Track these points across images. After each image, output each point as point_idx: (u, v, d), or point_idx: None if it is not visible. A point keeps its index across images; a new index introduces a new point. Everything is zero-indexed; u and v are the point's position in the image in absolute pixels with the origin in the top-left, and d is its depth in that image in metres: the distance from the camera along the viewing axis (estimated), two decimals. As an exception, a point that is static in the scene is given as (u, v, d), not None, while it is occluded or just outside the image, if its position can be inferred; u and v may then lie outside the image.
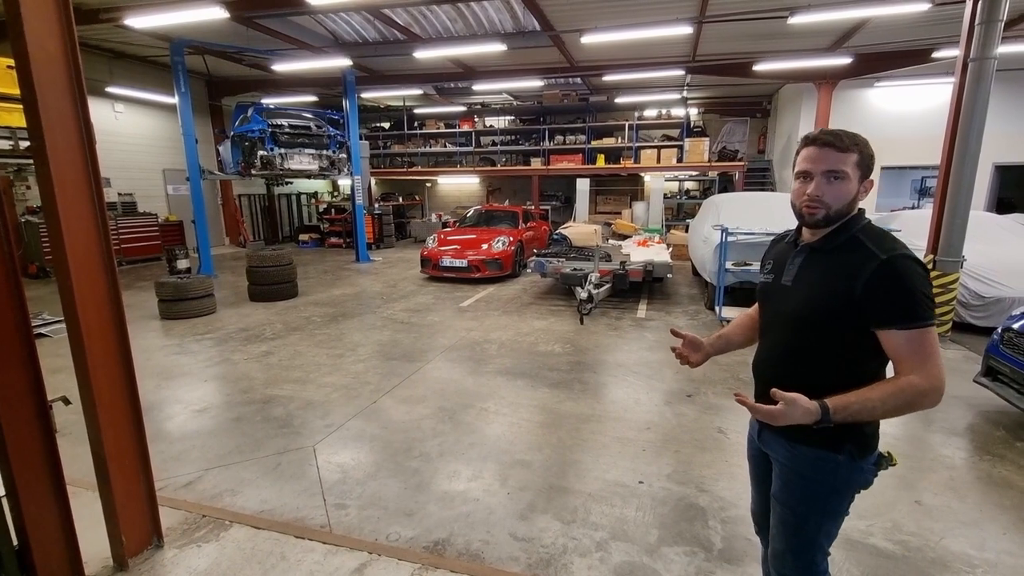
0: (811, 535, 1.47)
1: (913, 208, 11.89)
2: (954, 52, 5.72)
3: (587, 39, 8.51)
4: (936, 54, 9.46)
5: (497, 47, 9.03)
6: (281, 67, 10.24)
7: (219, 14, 6.93)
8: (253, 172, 9.51)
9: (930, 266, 5.75)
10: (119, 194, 11.38)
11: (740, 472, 3.06)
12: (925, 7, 6.82)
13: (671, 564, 2.32)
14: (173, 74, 8.96)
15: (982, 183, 11.43)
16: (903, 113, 11.75)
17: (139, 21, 7.44)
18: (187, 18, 7.14)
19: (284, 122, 9.57)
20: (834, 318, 1.34)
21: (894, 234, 1.42)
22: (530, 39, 9.57)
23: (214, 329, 6.26)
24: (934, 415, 3.84)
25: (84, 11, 8.02)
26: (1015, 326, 3.68)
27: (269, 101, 13.04)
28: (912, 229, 6.55)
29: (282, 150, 9.34)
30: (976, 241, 6.08)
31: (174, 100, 9.15)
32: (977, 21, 5.23)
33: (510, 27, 9.46)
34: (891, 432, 3.54)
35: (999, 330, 3.83)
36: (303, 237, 15.20)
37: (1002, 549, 2.41)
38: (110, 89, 10.93)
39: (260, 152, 9.12)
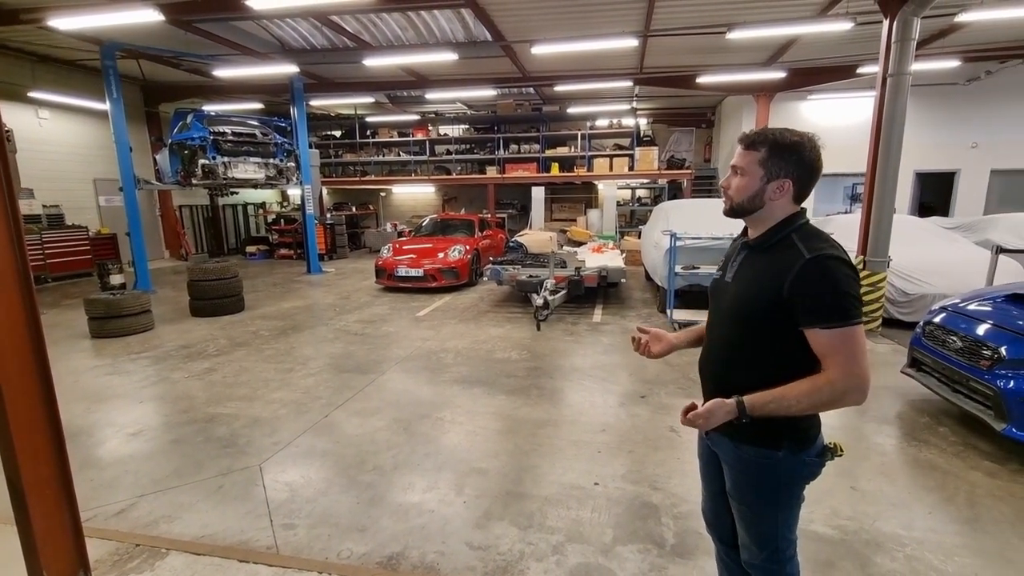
0: (769, 527, 1.51)
1: (846, 213, 12.69)
2: (875, 68, 6.16)
3: (537, 50, 8.64)
4: (860, 70, 10.17)
5: (449, 56, 9.04)
6: (224, 73, 9.84)
7: (153, 17, 6.59)
8: (194, 182, 9.08)
9: (860, 266, 6.14)
10: (44, 206, 10.59)
11: (691, 469, 3.14)
12: (848, 26, 7.33)
13: (625, 563, 2.35)
14: (104, 79, 8.47)
15: (905, 189, 12.36)
16: (834, 124, 12.53)
17: (64, 22, 6.98)
18: (117, 20, 6.74)
19: (227, 129, 9.20)
20: (764, 315, 1.37)
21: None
22: (481, 49, 9.64)
23: (151, 347, 5.90)
24: (867, 406, 4.08)
25: (3, 11, 7.48)
26: (936, 320, 3.96)
27: (211, 108, 12.52)
28: (844, 232, 6.95)
29: (225, 158, 8.97)
30: (901, 243, 6.54)
31: (106, 106, 8.64)
32: (893, 40, 5.67)
33: (461, 37, 9.50)
34: (828, 423, 3.70)
35: (921, 324, 4.12)
36: (251, 249, 14.63)
37: (928, 527, 2.58)
38: (33, 94, 10.20)
39: (201, 161, 8.72)
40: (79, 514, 2.16)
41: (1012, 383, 3.09)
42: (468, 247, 9.49)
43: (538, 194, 14.65)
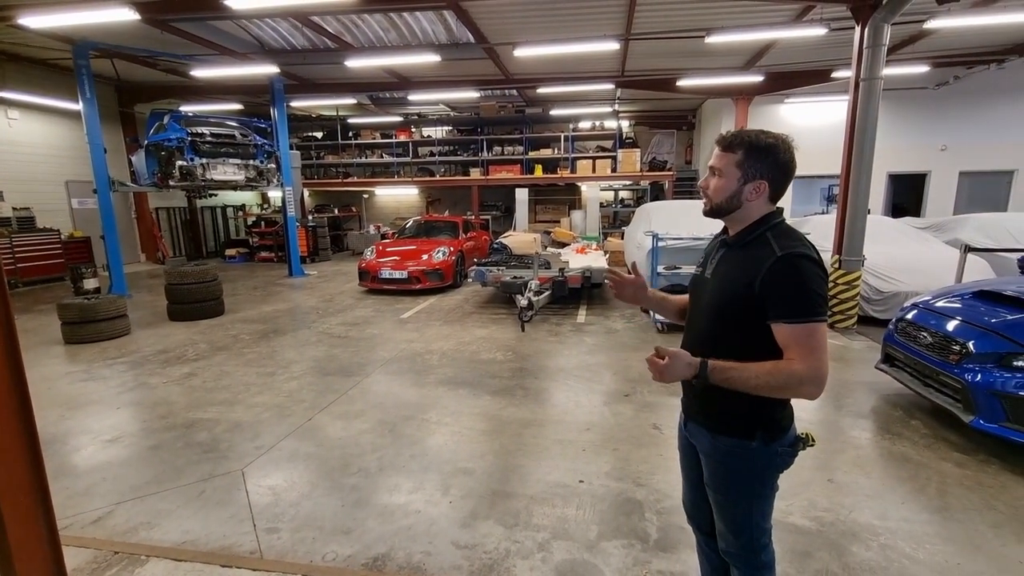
0: (744, 515, 1.55)
1: (823, 213, 12.98)
2: (849, 73, 6.33)
3: (520, 52, 8.69)
4: (835, 74, 10.43)
5: (431, 58, 9.02)
6: (202, 73, 9.68)
7: (127, 16, 6.46)
8: (171, 183, 8.91)
9: (836, 265, 6.29)
10: (14, 209, 10.29)
11: (674, 464, 3.16)
12: (821, 32, 7.52)
13: (610, 558, 2.38)
14: (77, 79, 8.27)
15: (878, 190, 12.69)
16: (811, 127, 12.81)
17: (36, 21, 6.79)
18: (91, 19, 6.60)
19: (205, 130, 9.05)
20: (738, 309, 1.42)
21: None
22: (464, 51, 9.64)
23: (128, 352, 5.78)
24: (843, 401, 4.19)
25: (-31, 8, 7.26)
26: (908, 316, 4.08)
27: (188, 108, 12.30)
28: (820, 233, 7.14)
29: (203, 160, 8.83)
30: (875, 242, 6.73)
31: (78, 107, 8.44)
32: (865, 45, 5.84)
33: (444, 38, 9.50)
34: (806, 418, 3.82)
35: (894, 320, 4.24)
36: (230, 252, 14.40)
37: (901, 517, 2.66)
38: (2, 94, 9.92)
39: (179, 162, 8.57)
40: (55, 521, 2.11)
41: (979, 376, 3.21)
42: (452, 249, 9.48)
43: (522, 196, 14.71)
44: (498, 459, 3.31)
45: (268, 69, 9.63)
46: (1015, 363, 3.10)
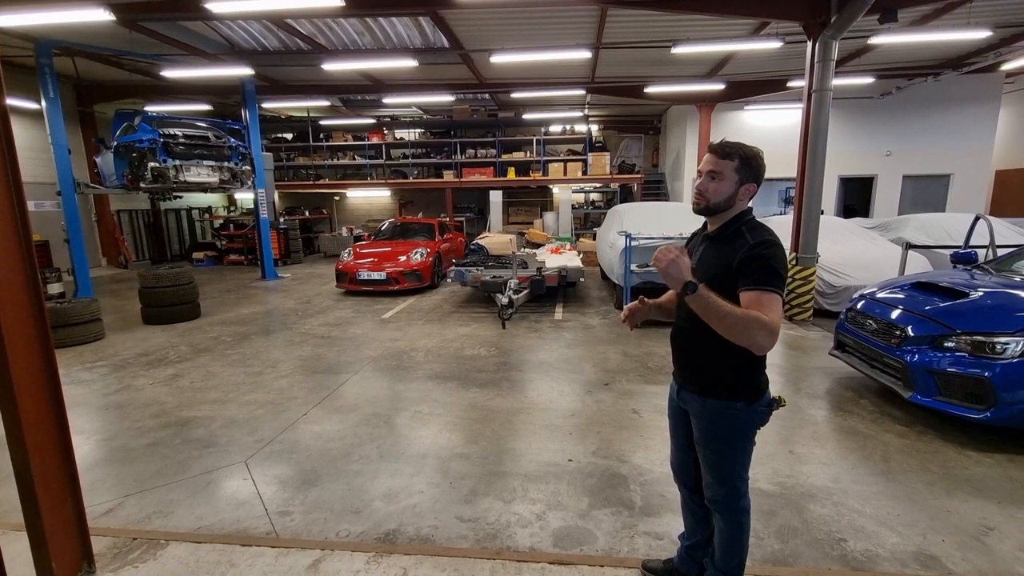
0: (729, 466, 1.85)
1: (781, 214, 13.72)
2: (803, 83, 6.84)
3: (496, 59, 8.93)
4: (791, 83, 11.12)
5: (407, 62, 9.16)
6: (172, 73, 9.52)
7: (102, 16, 6.37)
8: (142, 185, 8.75)
9: (793, 262, 6.78)
10: (-32, 211, 9.85)
11: (654, 444, 3.49)
12: (777, 45, 8.06)
13: (601, 523, 2.64)
14: (40, 78, 8.04)
15: (831, 193, 13.52)
16: (770, 132, 13.52)
17: (6, 20, 6.61)
18: (64, 19, 6.48)
19: (178, 132, 8.93)
20: (719, 287, 1.68)
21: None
22: (440, 56, 9.83)
23: (106, 356, 5.73)
24: (801, 384, 4.60)
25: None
26: (857, 306, 4.52)
27: (155, 109, 12.04)
28: (779, 232, 7.57)
29: (176, 162, 8.71)
30: (828, 241, 7.28)
31: (36, 106, 8.20)
32: (816, 59, 6.34)
33: (419, 43, 9.65)
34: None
35: (844, 310, 4.68)
36: (197, 255, 14.10)
37: (851, 480, 3.02)
38: (-46, 91, 9.49)
39: (151, 164, 8.43)
40: (84, 506, 2.22)
41: (916, 357, 3.63)
42: (430, 250, 9.63)
43: (495, 198, 14.95)
44: (491, 444, 3.54)
45: (241, 71, 9.56)
46: (945, 344, 3.52)
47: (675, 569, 2.18)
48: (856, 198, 14.45)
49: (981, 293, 3.79)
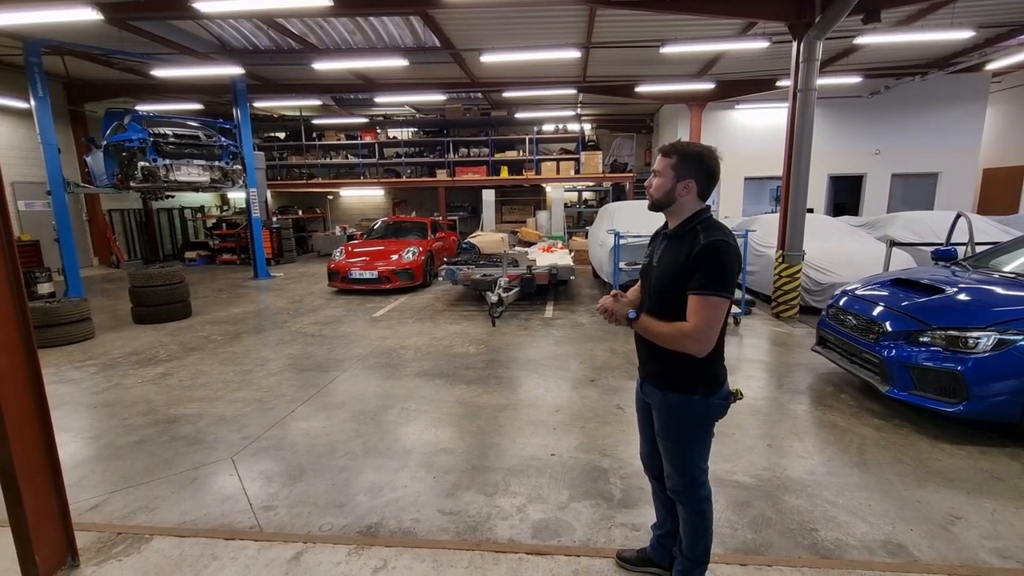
0: (687, 456, 1.90)
1: (771, 212, 13.82)
2: (790, 82, 6.91)
3: (486, 58, 8.97)
4: (779, 83, 11.21)
5: (398, 62, 9.18)
6: (162, 72, 9.51)
7: (90, 15, 6.37)
8: (132, 185, 8.75)
9: (779, 260, 6.85)
10: (-43, 211, 9.81)
11: (635, 438, 3.50)
12: (764, 45, 8.14)
13: (580, 515, 2.69)
14: (28, 77, 8.02)
15: (821, 191, 13.63)
16: (760, 131, 13.63)
17: (-7, 18, 6.62)
18: (52, 18, 6.48)
19: (168, 131, 8.92)
20: (676, 287, 1.75)
21: (750, 231, 1.92)
22: (431, 55, 9.85)
23: (96, 355, 5.74)
24: (784, 380, 4.67)
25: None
26: (839, 303, 4.59)
27: (145, 108, 12.00)
28: (767, 230, 7.75)
29: (167, 161, 8.70)
30: (815, 238, 7.35)
31: (25, 105, 8.18)
32: (801, 59, 6.41)
33: (410, 42, 9.68)
34: (751, 395, 4.28)
35: (826, 307, 4.75)
36: (190, 255, 14.07)
37: (826, 472, 3.09)
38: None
39: (141, 163, 8.42)
40: (67, 501, 2.26)
41: (893, 352, 3.70)
42: (422, 249, 9.66)
43: (488, 197, 14.98)
44: (476, 439, 3.59)
45: (232, 70, 9.56)
46: (921, 339, 3.60)
47: (648, 558, 2.24)
48: (846, 196, 14.56)
49: (956, 289, 3.86)
